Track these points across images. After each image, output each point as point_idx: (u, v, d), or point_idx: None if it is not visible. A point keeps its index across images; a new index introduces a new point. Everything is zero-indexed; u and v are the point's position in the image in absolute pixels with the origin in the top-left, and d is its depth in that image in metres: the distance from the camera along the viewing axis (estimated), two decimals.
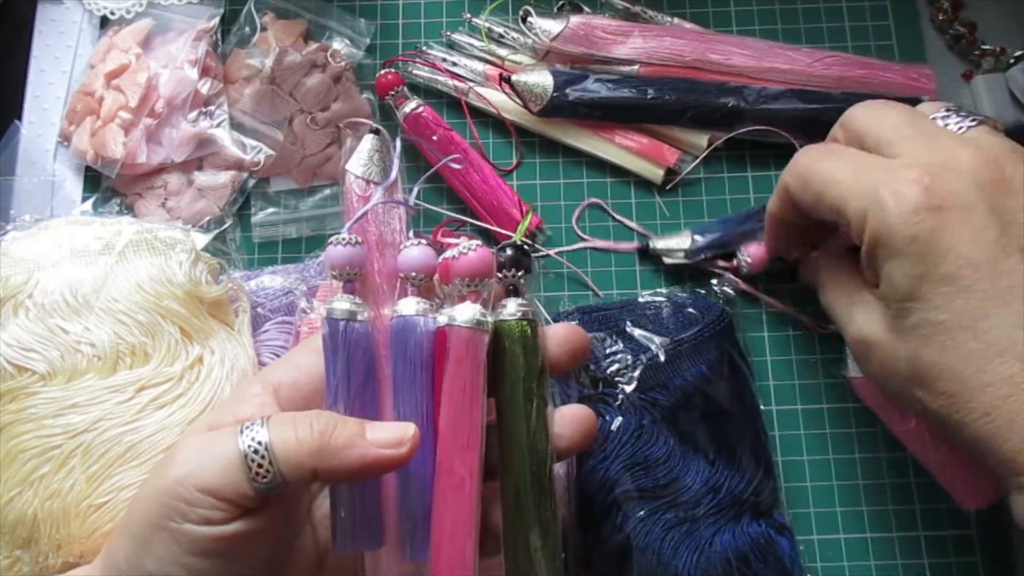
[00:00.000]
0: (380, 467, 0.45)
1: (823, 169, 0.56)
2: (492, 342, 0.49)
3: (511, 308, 0.50)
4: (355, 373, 0.49)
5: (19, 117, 0.80)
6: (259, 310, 0.69)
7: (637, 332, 0.67)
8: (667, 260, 0.74)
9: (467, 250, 0.48)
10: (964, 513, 0.68)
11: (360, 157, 0.54)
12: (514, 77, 0.75)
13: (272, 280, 0.71)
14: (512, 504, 0.48)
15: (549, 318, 0.69)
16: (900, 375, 0.53)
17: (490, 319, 0.49)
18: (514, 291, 0.51)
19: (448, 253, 0.50)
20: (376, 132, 0.55)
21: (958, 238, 0.49)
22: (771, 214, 0.64)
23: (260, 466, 0.44)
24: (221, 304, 0.65)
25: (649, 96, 0.74)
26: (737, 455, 0.65)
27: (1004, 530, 0.68)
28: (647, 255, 0.75)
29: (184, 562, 0.43)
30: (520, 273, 0.51)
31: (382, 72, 0.76)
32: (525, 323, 0.50)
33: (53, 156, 0.79)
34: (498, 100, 0.76)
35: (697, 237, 0.72)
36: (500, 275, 0.51)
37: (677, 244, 0.73)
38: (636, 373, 0.65)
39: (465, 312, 0.48)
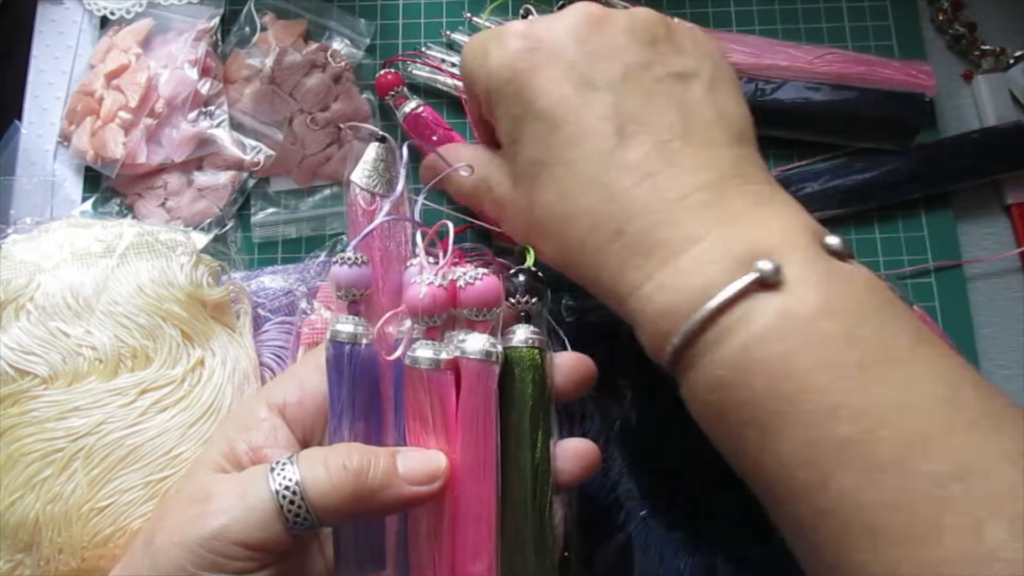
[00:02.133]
0: (415, 504, 0.46)
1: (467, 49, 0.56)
2: (501, 370, 0.48)
3: (521, 335, 0.49)
4: (359, 396, 0.48)
5: (19, 117, 0.80)
6: (259, 311, 0.69)
7: None
8: None
9: (474, 279, 0.47)
10: None
11: (364, 167, 0.52)
12: None
13: (272, 280, 0.71)
14: (511, 535, 0.47)
15: (567, 339, 0.68)
16: (523, 228, 0.53)
17: (500, 348, 0.48)
18: (525, 317, 0.50)
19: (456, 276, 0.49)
20: (382, 140, 0.53)
21: (549, 76, 0.49)
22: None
23: (296, 515, 0.44)
24: (222, 306, 0.65)
25: None
26: None
27: None
28: None
29: None
30: (533, 300, 0.50)
31: (382, 72, 0.75)
32: (536, 351, 0.49)
33: (53, 156, 0.79)
34: None
35: None
36: (512, 301, 0.50)
37: None
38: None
39: (475, 343, 0.46)
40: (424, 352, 0.47)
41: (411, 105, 0.74)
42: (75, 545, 0.57)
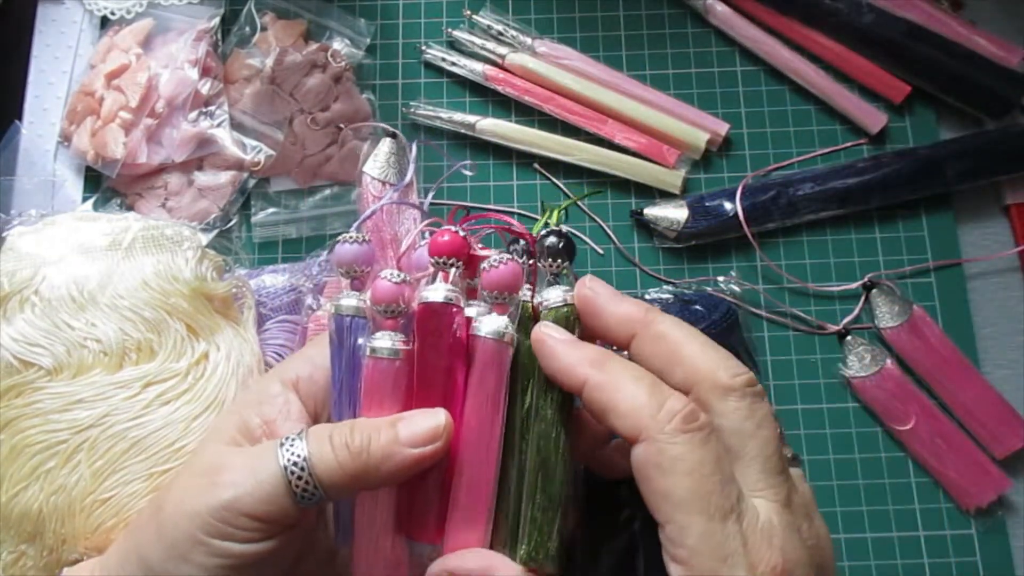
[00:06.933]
0: (420, 467, 0.45)
1: None
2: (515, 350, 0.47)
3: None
4: (358, 368, 0.49)
5: (19, 117, 0.80)
6: (261, 309, 0.69)
7: None
8: (658, 241, 0.74)
9: (497, 263, 0.46)
10: (964, 513, 0.69)
11: (378, 160, 0.53)
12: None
13: (274, 279, 0.71)
14: (525, 490, 0.47)
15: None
16: None
17: (513, 331, 0.46)
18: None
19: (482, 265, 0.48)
20: (393, 136, 0.55)
21: None
22: None
23: (305, 490, 0.44)
24: (226, 300, 0.65)
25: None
26: None
27: (1004, 530, 0.69)
28: (642, 224, 0.75)
29: (219, 573, 0.45)
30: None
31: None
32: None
33: (53, 156, 0.79)
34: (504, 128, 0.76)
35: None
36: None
37: (671, 214, 0.73)
38: None
39: (490, 324, 0.46)
40: (382, 343, 0.47)
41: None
42: (78, 536, 0.57)
